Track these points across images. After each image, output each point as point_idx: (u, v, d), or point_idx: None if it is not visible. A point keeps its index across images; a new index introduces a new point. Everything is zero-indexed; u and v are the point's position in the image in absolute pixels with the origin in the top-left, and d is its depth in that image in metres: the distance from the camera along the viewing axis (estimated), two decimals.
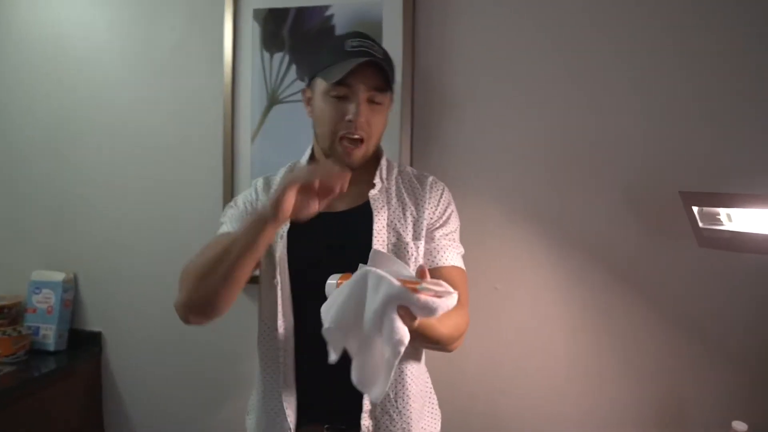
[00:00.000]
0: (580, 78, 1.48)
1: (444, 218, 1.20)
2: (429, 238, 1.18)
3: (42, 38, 1.83)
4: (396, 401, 1.14)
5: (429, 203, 1.19)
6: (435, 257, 1.17)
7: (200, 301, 1.03)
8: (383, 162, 1.22)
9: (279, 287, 1.13)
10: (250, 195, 1.22)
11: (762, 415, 1.41)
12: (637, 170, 1.47)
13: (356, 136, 1.10)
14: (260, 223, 0.94)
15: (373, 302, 0.80)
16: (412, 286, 0.79)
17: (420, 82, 1.56)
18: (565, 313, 1.51)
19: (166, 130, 1.74)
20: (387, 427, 1.13)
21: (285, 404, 1.12)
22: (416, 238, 1.16)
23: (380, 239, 1.13)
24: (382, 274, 0.80)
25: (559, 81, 1.49)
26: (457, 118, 1.55)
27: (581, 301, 1.51)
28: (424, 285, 0.81)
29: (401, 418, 1.14)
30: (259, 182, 1.25)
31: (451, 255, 1.18)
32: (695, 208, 1.24)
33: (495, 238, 1.54)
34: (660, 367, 1.48)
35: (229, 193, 1.65)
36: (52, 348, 1.76)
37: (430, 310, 0.78)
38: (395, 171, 1.24)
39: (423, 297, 0.77)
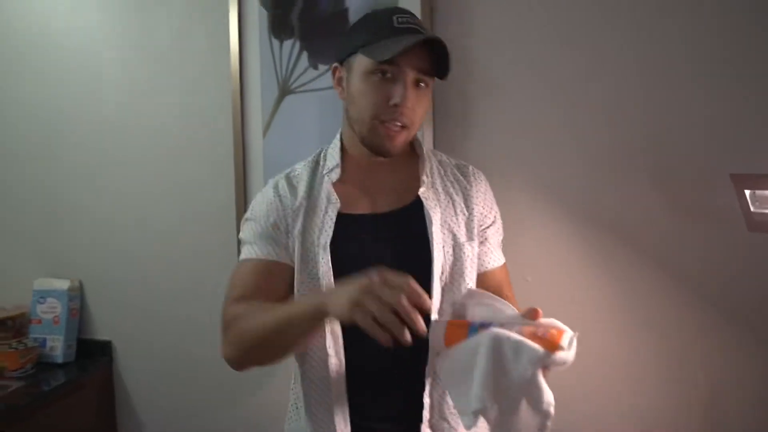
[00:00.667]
0: (613, 59, 1.40)
1: (492, 214, 1.13)
2: (482, 239, 1.10)
3: (27, 30, 1.73)
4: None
5: (477, 198, 1.10)
6: (487, 260, 1.11)
7: (252, 364, 1.03)
8: (427, 153, 1.12)
9: None
10: (274, 202, 1.06)
11: None
12: (678, 155, 1.39)
13: (398, 124, 0.98)
14: (322, 315, 0.84)
15: (516, 370, 0.79)
16: (543, 340, 0.81)
17: None
18: (601, 307, 1.44)
19: (170, 127, 1.64)
20: None
21: (338, 428, 1.01)
22: (470, 238, 1.07)
23: (438, 242, 1.03)
24: (518, 339, 0.80)
25: (593, 62, 1.41)
26: (481, 100, 1.45)
27: (618, 294, 1.44)
28: (545, 328, 0.83)
29: (461, 425, 1.04)
30: (281, 183, 1.09)
31: (499, 253, 1.12)
32: (747, 192, 1.17)
33: (524, 226, 1.45)
34: (705, 363, 1.42)
35: (242, 193, 1.56)
36: (60, 360, 1.69)
37: (564, 364, 0.80)
38: (435, 162, 1.12)
39: (560, 355, 0.79)
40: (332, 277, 0.99)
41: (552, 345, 0.79)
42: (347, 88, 1.03)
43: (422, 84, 0.99)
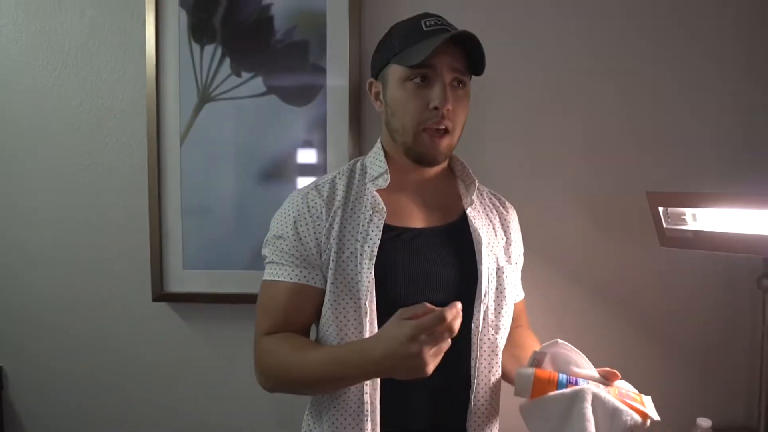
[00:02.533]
0: (536, 80, 1.44)
1: (522, 249, 1.16)
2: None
3: None
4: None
5: (512, 228, 1.12)
6: (515, 293, 1.14)
7: (286, 393, 1.03)
8: (470, 172, 1.10)
9: (367, 320, 0.95)
10: (303, 214, 1.00)
11: (725, 411, 1.44)
12: (603, 170, 1.46)
13: (441, 127, 0.95)
14: (370, 373, 0.87)
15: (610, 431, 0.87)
16: (630, 406, 0.89)
17: (367, 76, 1.45)
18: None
19: (79, 129, 1.50)
20: None
21: None
22: (509, 261, 1.08)
23: (486, 262, 1.01)
24: (615, 403, 0.87)
25: (518, 81, 1.45)
26: None
27: (542, 301, 1.47)
28: (626, 391, 0.94)
29: None
30: (311, 194, 1.02)
31: (520, 287, 1.18)
32: (661, 209, 1.23)
33: None
34: (626, 367, 1.47)
35: (156, 205, 1.45)
36: None
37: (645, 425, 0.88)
38: (476, 185, 1.10)
39: (648, 422, 0.88)
40: (374, 291, 0.95)
41: (641, 412, 0.88)
42: (385, 101, 1.01)
43: (460, 84, 0.97)
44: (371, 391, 0.96)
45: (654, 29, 1.42)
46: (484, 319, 1.00)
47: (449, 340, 0.79)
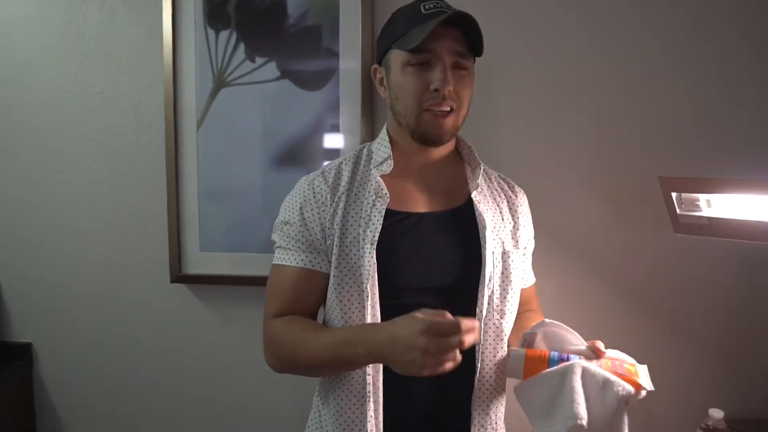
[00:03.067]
0: (545, 68, 1.42)
1: (528, 233, 1.14)
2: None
3: None
4: (496, 423, 1.06)
5: (521, 212, 1.12)
6: (525, 278, 1.14)
7: (295, 374, 1.07)
8: (476, 156, 1.10)
9: (369, 304, 0.96)
10: (309, 200, 1.02)
11: (737, 402, 1.42)
12: (614, 156, 1.43)
13: (445, 108, 0.96)
14: (373, 354, 0.88)
15: (602, 405, 0.86)
16: (623, 377, 0.89)
17: None
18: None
19: (98, 119, 1.54)
20: None
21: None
22: (516, 246, 1.08)
23: (489, 246, 1.01)
24: (605, 375, 0.88)
25: (519, 68, 1.43)
26: None
27: (550, 287, 1.46)
28: (620, 362, 0.93)
29: None
30: (317, 180, 1.04)
31: (531, 273, 1.18)
32: (674, 194, 1.21)
33: None
34: (639, 355, 1.46)
35: (173, 188, 1.49)
36: None
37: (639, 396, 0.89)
38: (482, 168, 1.10)
39: (643, 393, 0.88)
40: (377, 275, 0.97)
41: (634, 382, 0.88)
42: (389, 86, 1.02)
43: (462, 68, 0.97)
44: (374, 373, 0.97)
45: (669, 14, 1.38)
46: (489, 304, 1.00)
47: (458, 358, 0.81)
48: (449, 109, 0.97)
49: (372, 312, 0.96)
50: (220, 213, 1.50)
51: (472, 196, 1.04)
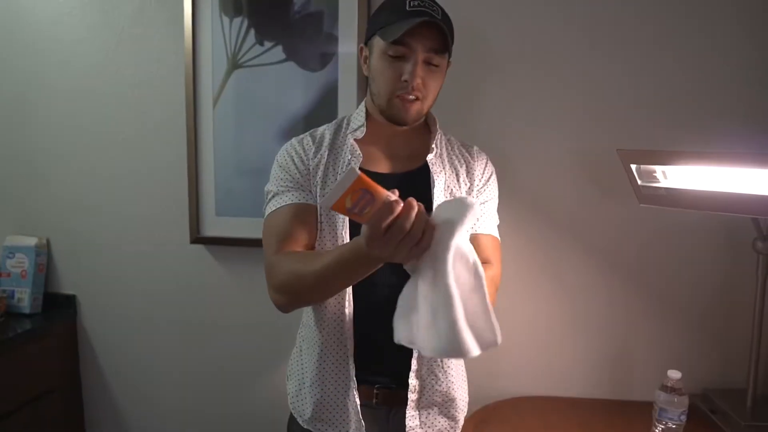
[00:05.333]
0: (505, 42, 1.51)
1: (486, 187, 1.24)
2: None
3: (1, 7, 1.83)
4: (441, 362, 1.18)
5: (477, 170, 1.23)
6: (476, 225, 1.21)
7: (301, 306, 1.16)
8: (439, 129, 1.23)
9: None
10: (298, 152, 1.17)
11: (694, 363, 1.48)
12: (601, 131, 1.51)
13: (411, 97, 1.09)
14: (362, 258, 0.91)
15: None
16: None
17: None
18: (521, 275, 1.57)
19: (131, 94, 1.75)
20: (432, 386, 1.17)
21: (346, 367, 1.14)
22: None
23: (439, 203, 1.12)
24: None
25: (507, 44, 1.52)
26: None
27: (535, 263, 1.56)
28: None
29: (446, 378, 1.18)
30: (306, 138, 1.20)
31: (489, 224, 1.23)
32: (633, 166, 1.28)
33: None
34: (622, 326, 1.55)
35: (193, 155, 1.68)
36: (27, 311, 1.82)
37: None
38: (444, 138, 1.25)
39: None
40: (349, 220, 1.11)
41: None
42: (369, 66, 1.16)
43: (433, 61, 1.09)
44: (348, 306, 1.13)
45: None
46: None
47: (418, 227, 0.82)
48: (415, 98, 1.10)
49: None
50: (234, 181, 1.68)
51: (427, 159, 1.17)
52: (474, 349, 0.80)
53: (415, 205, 0.81)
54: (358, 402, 1.13)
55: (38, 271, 1.84)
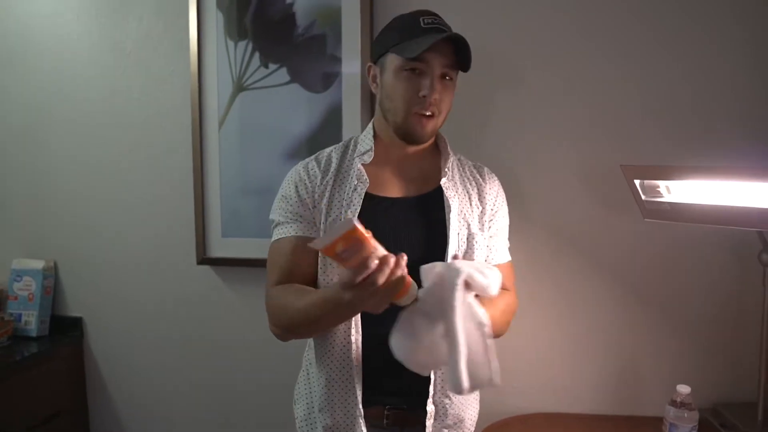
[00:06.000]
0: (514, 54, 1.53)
1: (499, 213, 1.24)
2: (490, 234, 1.22)
3: (10, 31, 1.86)
4: None
5: (489, 195, 1.23)
6: (492, 255, 1.22)
7: (295, 338, 1.17)
8: (451, 150, 1.23)
9: None
10: (303, 179, 1.18)
11: (703, 378, 1.48)
12: (607, 146, 1.51)
13: (428, 113, 1.10)
14: (340, 306, 0.95)
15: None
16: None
17: None
18: (532, 294, 1.56)
19: (137, 117, 1.78)
20: (446, 410, 1.15)
21: (354, 392, 1.12)
22: (482, 229, 1.19)
23: (455, 228, 1.14)
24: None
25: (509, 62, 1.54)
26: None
27: (543, 281, 1.57)
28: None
29: (458, 401, 1.17)
30: (311, 164, 1.20)
31: (501, 253, 1.25)
32: (637, 181, 1.29)
33: None
34: (629, 341, 1.55)
35: (199, 177, 1.70)
36: (34, 334, 1.83)
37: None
38: (455, 159, 1.24)
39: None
40: None
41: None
42: (381, 84, 1.16)
43: (448, 77, 1.12)
44: (355, 334, 1.12)
45: (653, 10, 1.46)
46: None
47: (400, 279, 0.88)
48: (431, 114, 1.11)
49: None
50: (240, 202, 1.69)
51: (441, 183, 1.17)
52: (468, 389, 0.90)
53: (392, 263, 0.86)
54: (365, 431, 1.13)
55: (45, 294, 1.85)
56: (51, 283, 1.87)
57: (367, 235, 0.84)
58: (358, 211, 1.12)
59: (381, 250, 0.86)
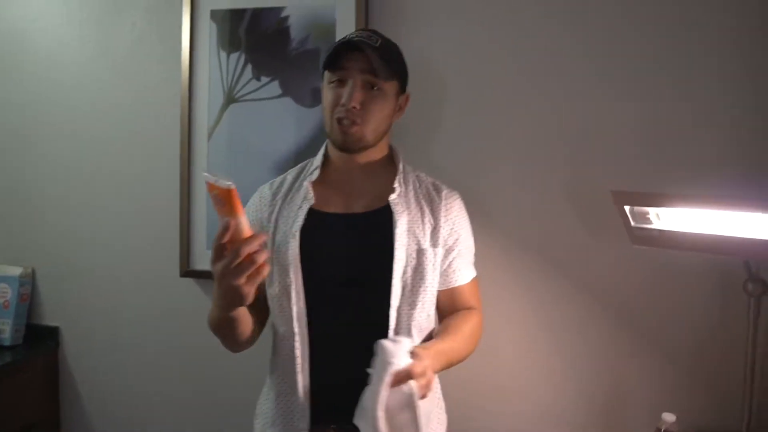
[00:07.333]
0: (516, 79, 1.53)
1: (457, 233, 1.22)
2: (445, 256, 1.21)
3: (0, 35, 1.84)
4: None
5: (445, 214, 1.21)
6: (451, 278, 1.22)
7: (232, 346, 1.17)
8: (401, 166, 1.23)
9: (293, 288, 1.12)
10: (256, 202, 1.23)
11: (689, 406, 1.47)
12: (591, 170, 1.52)
13: (346, 121, 1.11)
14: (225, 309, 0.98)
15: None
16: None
17: None
18: (513, 315, 1.56)
19: (125, 126, 1.75)
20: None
21: (300, 407, 1.12)
22: (434, 245, 1.18)
23: (401, 243, 1.14)
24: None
25: (502, 84, 1.54)
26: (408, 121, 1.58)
27: (528, 302, 1.55)
28: None
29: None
30: (265, 187, 1.25)
31: (464, 273, 1.24)
32: (627, 207, 1.29)
33: None
34: (599, 362, 1.54)
35: (186, 188, 1.68)
36: (8, 343, 1.78)
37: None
38: (412, 176, 1.25)
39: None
40: (299, 263, 1.12)
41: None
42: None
43: (376, 87, 1.12)
44: (301, 347, 1.12)
45: (643, 28, 1.47)
46: (402, 295, 1.13)
47: (259, 263, 0.87)
48: (352, 121, 1.11)
49: (296, 297, 1.12)
50: None
51: (390, 198, 1.16)
52: None
53: (231, 227, 0.87)
54: None
55: (21, 302, 1.80)
56: (28, 291, 1.82)
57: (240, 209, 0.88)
58: (301, 225, 1.14)
59: (242, 223, 0.88)
